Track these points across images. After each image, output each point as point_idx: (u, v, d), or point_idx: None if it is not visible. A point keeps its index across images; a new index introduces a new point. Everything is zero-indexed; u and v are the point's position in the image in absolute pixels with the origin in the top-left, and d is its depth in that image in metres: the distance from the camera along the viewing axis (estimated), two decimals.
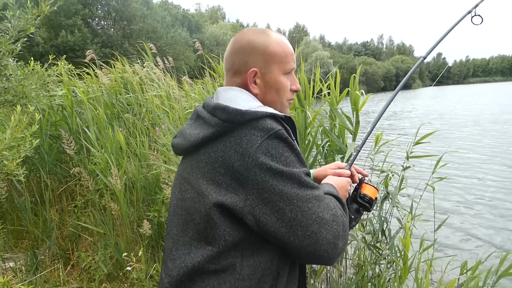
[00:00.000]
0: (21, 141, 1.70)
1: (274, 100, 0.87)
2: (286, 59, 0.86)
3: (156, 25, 30.71)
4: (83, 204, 2.87)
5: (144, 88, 3.36)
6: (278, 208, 0.70)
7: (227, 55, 0.89)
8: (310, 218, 0.70)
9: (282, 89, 0.88)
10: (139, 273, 2.13)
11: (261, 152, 0.70)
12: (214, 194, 0.73)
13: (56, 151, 3.21)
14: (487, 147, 9.28)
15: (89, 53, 3.97)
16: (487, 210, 5.19)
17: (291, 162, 0.72)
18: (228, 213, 0.72)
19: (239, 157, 0.71)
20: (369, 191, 1.05)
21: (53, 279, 2.40)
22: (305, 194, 0.72)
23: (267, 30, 0.89)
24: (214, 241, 0.73)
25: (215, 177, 0.74)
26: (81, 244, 2.80)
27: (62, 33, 24.59)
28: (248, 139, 0.72)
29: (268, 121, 0.74)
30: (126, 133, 3.03)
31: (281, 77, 0.87)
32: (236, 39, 0.88)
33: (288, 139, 0.74)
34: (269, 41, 0.85)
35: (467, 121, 14.75)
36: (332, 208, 0.75)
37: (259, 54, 0.84)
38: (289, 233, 0.71)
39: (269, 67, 0.85)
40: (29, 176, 3.15)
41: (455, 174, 6.69)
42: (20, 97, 2.43)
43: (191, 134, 0.81)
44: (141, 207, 2.69)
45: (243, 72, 0.85)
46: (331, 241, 0.71)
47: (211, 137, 0.76)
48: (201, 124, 0.81)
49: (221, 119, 0.75)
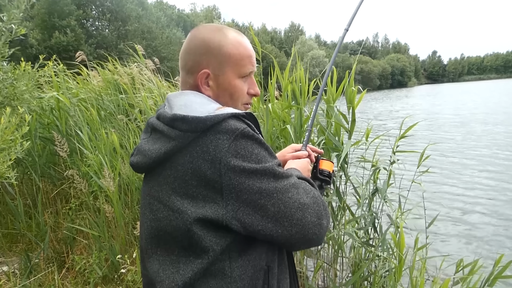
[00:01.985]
0: (11, 143, 1.68)
1: (227, 103, 0.83)
2: (242, 61, 0.82)
3: (151, 25, 30.64)
4: (77, 207, 2.84)
5: (135, 89, 3.33)
6: (260, 205, 0.70)
7: (181, 52, 0.84)
8: (293, 207, 0.71)
9: (236, 93, 0.83)
10: (134, 275, 2.11)
11: (231, 155, 0.69)
12: (192, 208, 0.70)
13: (48, 154, 3.18)
14: (473, 149, 9.30)
15: (79, 54, 3.91)
16: (477, 206, 5.26)
17: (262, 157, 0.72)
18: (211, 224, 0.70)
19: (210, 165, 0.69)
20: (326, 166, 1.10)
21: (48, 282, 2.38)
22: (282, 185, 0.72)
23: (225, 28, 0.83)
24: (202, 253, 0.71)
25: (188, 191, 0.71)
26: (76, 246, 2.77)
27: (55, 34, 24.45)
28: (214, 144, 0.69)
29: (231, 122, 0.71)
30: (120, 134, 3.01)
31: (236, 80, 0.83)
32: (191, 36, 0.83)
33: (255, 135, 0.72)
34: (225, 41, 0.80)
35: (454, 121, 14.70)
36: (310, 190, 0.77)
37: (213, 55, 0.80)
38: (276, 227, 0.71)
39: (223, 69, 0.81)
40: (22, 179, 3.12)
41: (440, 172, 6.82)
42: (11, 98, 2.41)
43: (150, 150, 0.76)
44: (136, 209, 2.67)
45: (195, 72, 0.81)
46: (316, 222, 0.73)
47: (175, 150, 0.72)
48: (160, 138, 0.76)
49: (182, 130, 0.71)
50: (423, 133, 11.51)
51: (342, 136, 2.37)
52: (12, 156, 1.66)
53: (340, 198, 2.25)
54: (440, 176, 6.64)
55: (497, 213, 4.96)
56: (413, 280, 1.70)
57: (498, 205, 5.27)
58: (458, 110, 19.09)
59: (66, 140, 2.82)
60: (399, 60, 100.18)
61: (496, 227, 4.53)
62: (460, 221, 4.76)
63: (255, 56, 0.87)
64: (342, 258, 2.50)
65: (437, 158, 8.05)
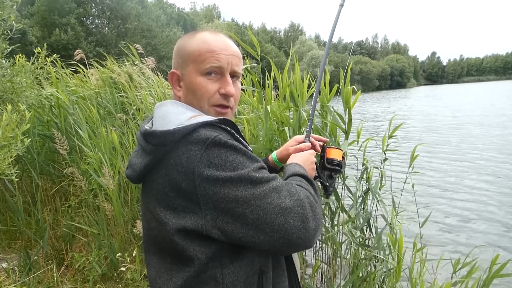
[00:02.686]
0: (12, 140, 1.68)
1: (192, 103, 0.82)
2: (200, 57, 0.80)
3: (151, 23, 30.58)
4: (76, 204, 2.84)
5: (133, 87, 3.33)
6: (239, 214, 0.68)
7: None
8: (273, 212, 0.68)
9: (198, 91, 0.81)
10: (134, 274, 2.12)
11: (204, 165, 0.67)
12: (173, 219, 0.71)
13: (48, 151, 3.18)
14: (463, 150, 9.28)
15: (78, 52, 3.90)
16: (468, 204, 5.32)
17: (238, 164, 0.69)
18: (192, 234, 0.70)
19: (184, 177, 0.68)
20: (334, 154, 1.06)
21: (47, 279, 2.38)
22: (261, 191, 0.69)
23: (198, 31, 0.85)
24: (188, 262, 0.72)
25: (169, 202, 0.72)
26: (75, 244, 2.77)
27: (55, 32, 24.39)
28: (187, 156, 0.68)
29: (202, 131, 0.70)
30: (119, 132, 3.01)
31: (198, 77, 0.81)
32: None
33: (228, 142, 0.70)
34: (190, 41, 0.82)
35: (450, 123, 14.53)
36: (294, 193, 0.72)
37: (180, 56, 0.83)
38: (257, 233, 0.69)
39: (186, 68, 0.82)
40: (22, 176, 3.11)
41: (432, 175, 6.82)
42: (10, 93, 2.41)
43: (136, 164, 0.80)
44: (136, 207, 2.67)
45: (169, 75, 0.86)
46: (301, 226, 0.69)
47: (152, 163, 0.74)
48: (141, 152, 0.79)
49: (153, 144, 0.73)
50: (417, 135, 11.44)
51: (338, 137, 2.38)
52: (13, 153, 1.66)
53: (338, 199, 2.26)
54: (431, 177, 6.65)
55: (491, 213, 4.99)
56: (412, 281, 1.71)
57: (491, 204, 5.30)
58: (455, 112, 18.90)
59: (66, 137, 2.82)
60: (398, 61, 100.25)
61: (490, 227, 4.55)
62: (453, 221, 4.79)
63: (234, 53, 0.83)
64: (341, 259, 2.51)
65: (429, 159, 8.01)
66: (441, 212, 5.09)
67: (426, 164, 7.60)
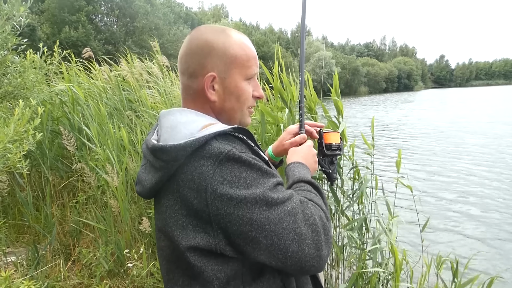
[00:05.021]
0: (24, 135, 1.70)
1: (233, 107, 0.79)
2: (248, 63, 0.78)
3: (159, 22, 30.75)
4: (84, 200, 2.86)
5: (140, 86, 3.35)
6: (252, 238, 0.64)
7: (182, 55, 0.78)
8: (287, 239, 0.64)
9: (243, 96, 0.79)
10: (140, 270, 2.12)
11: (217, 182, 0.63)
12: (182, 239, 0.68)
13: (57, 147, 3.21)
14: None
15: (86, 50, 3.92)
16: (466, 207, 5.31)
17: (252, 181, 0.65)
18: (207, 253, 0.67)
19: (196, 194, 0.65)
20: (332, 139, 1.03)
21: (54, 274, 2.40)
22: (276, 214, 0.65)
23: (227, 29, 0.79)
24: (207, 283, 0.68)
25: (179, 221, 0.68)
26: (82, 240, 2.80)
27: (65, 29, 24.63)
28: (199, 172, 0.65)
29: (215, 144, 0.66)
30: (127, 130, 3.03)
31: (243, 82, 0.78)
32: (193, 37, 0.77)
33: (242, 157, 0.66)
34: (229, 42, 0.76)
35: (448, 131, 13.67)
36: (310, 216, 0.68)
37: (218, 57, 0.75)
38: (270, 258, 0.66)
39: (229, 72, 0.76)
40: (31, 171, 3.15)
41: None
42: (21, 88, 2.43)
43: (146, 180, 0.75)
44: (142, 205, 2.68)
45: (199, 76, 0.76)
46: (315, 254, 0.66)
47: (163, 180, 0.70)
48: (150, 167, 0.74)
49: (164, 160, 0.68)
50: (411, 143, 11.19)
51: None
52: (25, 147, 1.67)
53: (338, 202, 2.26)
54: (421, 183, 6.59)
55: (487, 218, 4.97)
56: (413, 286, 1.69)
57: (486, 209, 5.25)
58: (458, 119, 18.13)
59: (77, 133, 2.84)
60: (406, 63, 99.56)
61: (486, 232, 4.52)
62: (450, 226, 4.75)
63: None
64: (343, 261, 2.51)
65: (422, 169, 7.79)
66: (438, 217, 5.05)
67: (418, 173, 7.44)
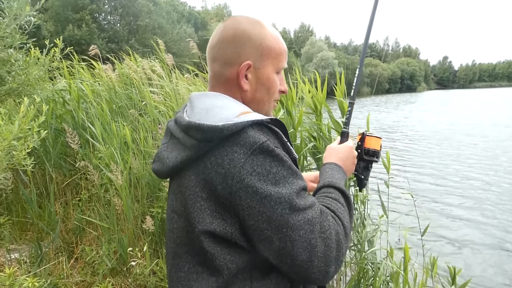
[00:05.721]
0: (28, 132, 1.70)
1: (263, 98, 0.79)
2: (281, 56, 0.79)
3: (162, 21, 30.80)
4: (87, 198, 2.87)
5: (150, 84, 3.35)
6: (266, 236, 0.64)
7: (216, 42, 0.78)
8: (300, 247, 0.64)
9: (272, 88, 0.80)
10: (143, 269, 2.12)
11: (246, 172, 0.63)
12: (199, 223, 0.67)
13: (61, 145, 3.22)
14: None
15: (92, 48, 3.95)
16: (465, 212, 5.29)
17: (281, 178, 0.64)
18: (222, 241, 0.67)
19: (222, 180, 0.64)
20: (373, 144, 0.98)
21: (57, 271, 2.41)
22: (296, 220, 0.64)
23: (262, 21, 0.79)
24: (216, 272, 0.67)
25: (197, 203, 0.67)
26: (85, 238, 2.80)
27: (69, 27, 24.71)
28: (230, 158, 0.64)
29: (251, 132, 0.65)
30: (130, 128, 3.03)
31: (273, 74, 0.79)
32: (228, 27, 0.77)
33: (275, 151, 0.65)
34: (265, 34, 0.77)
35: (448, 134, 13.43)
36: (326, 229, 0.66)
37: (255, 47, 0.75)
38: (277, 261, 0.66)
39: (263, 62, 0.77)
40: (35, 169, 3.16)
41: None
42: (25, 85, 2.44)
43: (168, 158, 0.73)
44: (145, 203, 2.68)
45: (234, 64, 0.75)
46: (322, 268, 0.65)
47: (190, 159, 0.69)
48: (177, 145, 0.73)
49: (196, 139, 0.67)
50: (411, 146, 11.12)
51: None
52: (30, 144, 1.68)
53: None
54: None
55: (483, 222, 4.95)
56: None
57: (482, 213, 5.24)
58: (459, 121, 17.89)
59: (81, 131, 2.85)
60: (409, 64, 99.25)
61: (484, 235, 4.52)
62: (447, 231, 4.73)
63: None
64: (344, 263, 2.51)
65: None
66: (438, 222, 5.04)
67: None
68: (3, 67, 2.37)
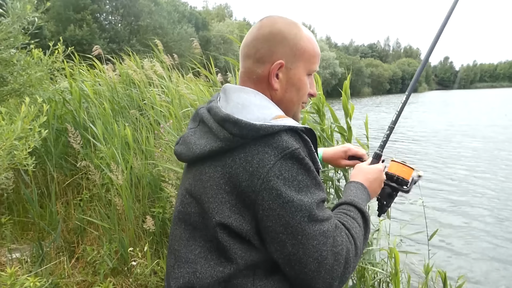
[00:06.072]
0: (29, 132, 1.71)
1: (292, 99, 0.80)
2: (314, 59, 0.80)
3: (163, 21, 30.82)
4: (88, 198, 2.87)
5: (150, 84, 3.35)
6: (280, 240, 0.66)
7: (250, 40, 0.79)
8: (311, 256, 0.65)
9: (302, 89, 0.80)
10: (144, 269, 2.13)
11: (273, 175, 0.64)
12: (217, 214, 0.68)
13: (62, 145, 3.22)
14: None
15: (96, 48, 3.96)
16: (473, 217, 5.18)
17: (304, 186, 0.66)
18: (236, 236, 0.68)
19: (248, 177, 0.65)
20: (398, 171, 0.93)
21: (58, 271, 2.41)
22: (312, 230, 0.65)
23: (298, 23, 0.81)
24: (224, 263, 0.69)
25: (219, 195, 0.68)
26: (86, 237, 2.80)
27: (70, 27, 24.75)
28: (260, 158, 0.65)
29: (285, 137, 0.67)
30: (132, 128, 3.03)
31: (304, 76, 0.80)
32: (264, 25, 0.78)
33: (305, 160, 0.67)
34: (300, 35, 0.78)
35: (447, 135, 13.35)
36: (339, 244, 0.68)
37: (289, 47, 0.76)
38: (286, 265, 0.68)
39: (296, 63, 0.78)
40: (36, 169, 3.16)
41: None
42: (27, 85, 2.45)
43: (196, 144, 0.73)
44: (146, 203, 2.68)
45: (267, 62, 0.76)
46: (327, 281, 0.67)
47: (219, 151, 0.69)
48: (207, 133, 0.73)
49: (231, 133, 0.67)
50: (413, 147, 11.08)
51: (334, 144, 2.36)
52: (31, 144, 1.68)
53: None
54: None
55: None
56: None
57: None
58: (458, 121, 17.71)
59: (82, 131, 2.85)
60: (410, 64, 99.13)
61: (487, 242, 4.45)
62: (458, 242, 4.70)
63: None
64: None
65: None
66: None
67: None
68: (6, 68, 2.37)
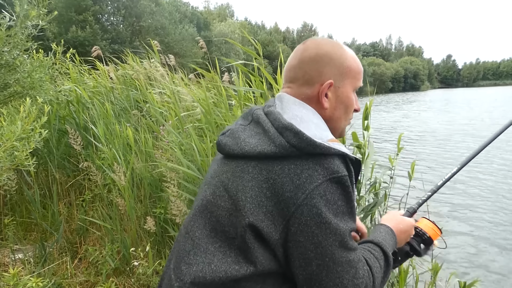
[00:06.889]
0: (30, 133, 1.71)
1: (341, 117, 0.83)
2: (358, 75, 0.84)
3: (164, 21, 30.87)
4: (90, 199, 2.88)
5: (150, 85, 3.35)
6: (307, 257, 0.67)
7: (295, 63, 0.82)
8: (332, 281, 0.66)
9: (350, 106, 0.84)
10: (146, 269, 2.13)
11: (318, 193, 0.65)
12: (252, 215, 0.68)
13: (64, 146, 3.23)
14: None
15: (95, 49, 3.97)
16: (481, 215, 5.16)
17: (341, 212, 0.68)
18: (262, 240, 0.68)
19: (293, 189, 0.66)
20: (424, 226, 0.97)
21: (61, 271, 2.42)
22: (339, 256, 0.67)
23: (340, 43, 0.85)
24: (242, 262, 0.69)
25: (258, 197, 0.68)
26: (88, 238, 2.81)
27: (72, 29, 24.84)
28: (309, 173, 0.66)
29: (337, 161, 0.69)
30: (133, 129, 3.03)
31: (351, 93, 0.83)
32: (309, 48, 0.82)
33: (349, 188, 0.69)
34: (346, 55, 0.82)
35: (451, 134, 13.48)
36: (360, 277, 0.69)
37: (336, 67, 0.80)
38: (304, 282, 0.68)
39: (343, 81, 0.81)
40: (38, 170, 3.17)
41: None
42: (29, 88, 2.45)
43: (245, 142, 0.73)
44: (148, 204, 2.69)
45: (316, 83, 0.80)
46: None
47: (271, 156, 0.70)
48: (259, 134, 0.74)
49: (289, 142, 0.69)
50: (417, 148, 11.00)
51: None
52: (32, 144, 1.68)
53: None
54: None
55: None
56: None
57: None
58: (459, 120, 17.61)
59: (83, 133, 2.86)
60: (412, 63, 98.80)
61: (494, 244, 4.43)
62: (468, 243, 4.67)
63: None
64: None
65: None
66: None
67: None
68: (10, 73, 2.38)
